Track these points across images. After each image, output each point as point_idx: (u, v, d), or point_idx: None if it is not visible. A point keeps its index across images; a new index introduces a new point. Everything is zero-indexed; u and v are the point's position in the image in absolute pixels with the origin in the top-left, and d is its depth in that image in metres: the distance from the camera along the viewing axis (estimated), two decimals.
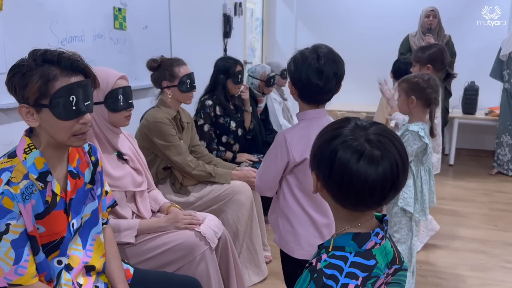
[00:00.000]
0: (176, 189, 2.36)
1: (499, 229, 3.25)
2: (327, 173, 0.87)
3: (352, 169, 0.83)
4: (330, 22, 5.68)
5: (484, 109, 4.99)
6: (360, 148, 0.83)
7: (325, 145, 0.88)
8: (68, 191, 1.27)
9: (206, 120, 2.81)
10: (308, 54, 1.46)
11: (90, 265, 1.34)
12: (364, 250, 0.88)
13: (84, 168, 1.36)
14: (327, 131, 0.92)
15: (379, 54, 5.09)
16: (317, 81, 1.44)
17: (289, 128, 1.58)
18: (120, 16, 2.50)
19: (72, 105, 1.17)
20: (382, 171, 0.83)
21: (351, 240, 0.88)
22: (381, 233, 0.90)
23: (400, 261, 0.94)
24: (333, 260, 0.87)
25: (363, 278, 0.85)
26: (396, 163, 0.84)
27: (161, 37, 2.97)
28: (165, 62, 2.32)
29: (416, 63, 2.75)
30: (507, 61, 4.40)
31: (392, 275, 0.92)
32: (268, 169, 1.56)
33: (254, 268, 2.44)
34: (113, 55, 2.46)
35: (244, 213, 2.36)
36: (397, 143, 0.86)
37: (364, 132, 0.86)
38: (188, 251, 1.72)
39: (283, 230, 1.58)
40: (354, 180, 0.83)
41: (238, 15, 4.40)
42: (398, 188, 0.87)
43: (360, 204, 0.88)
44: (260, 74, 3.43)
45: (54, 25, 2.00)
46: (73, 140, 1.22)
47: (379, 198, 0.86)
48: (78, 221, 1.31)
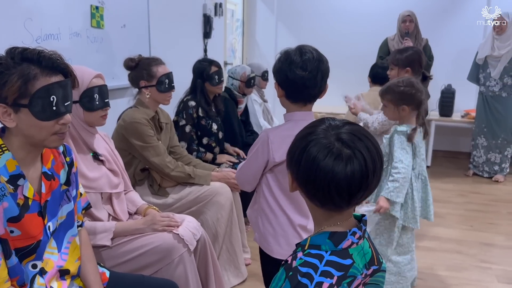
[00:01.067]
0: (155, 191, 2.32)
1: (475, 229, 3.31)
2: (297, 170, 0.88)
3: (319, 165, 0.83)
4: (310, 23, 5.70)
5: (460, 111, 5.09)
6: (329, 146, 0.84)
7: (298, 143, 0.90)
8: (42, 193, 1.23)
9: (188, 121, 2.79)
10: (291, 52, 1.48)
11: (65, 269, 1.31)
12: (340, 249, 0.88)
13: (59, 169, 1.32)
14: (302, 131, 0.93)
15: (358, 56, 5.13)
16: (301, 72, 1.44)
17: (274, 128, 1.59)
18: (98, 15, 2.45)
19: (52, 105, 1.15)
20: (350, 169, 0.82)
21: (327, 239, 0.88)
22: (358, 233, 0.89)
23: (379, 262, 0.94)
24: (309, 258, 0.87)
25: (338, 277, 0.85)
26: (366, 163, 0.84)
27: (139, 36, 2.93)
28: (143, 61, 2.28)
29: (394, 66, 2.75)
30: (483, 65, 4.50)
31: (371, 276, 0.92)
32: (249, 164, 1.57)
33: (234, 270, 2.42)
34: (90, 54, 2.42)
35: (224, 215, 2.34)
36: (369, 143, 0.86)
37: (336, 131, 0.87)
38: (166, 254, 1.70)
39: (263, 229, 1.58)
40: (320, 176, 0.83)
41: (218, 16, 4.38)
42: (368, 188, 0.86)
43: (328, 202, 0.87)
44: (240, 75, 3.41)
45: (29, 22, 1.95)
46: (52, 140, 1.19)
47: (347, 197, 0.85)
48: (54, 223, 1.27)
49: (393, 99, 2.09)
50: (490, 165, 4.62)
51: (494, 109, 4.48)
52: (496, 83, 4.41)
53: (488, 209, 3.75)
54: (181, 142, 2.75)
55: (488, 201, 3.96)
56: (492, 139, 4.54)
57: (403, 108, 2.07)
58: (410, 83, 2.09)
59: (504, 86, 4.38)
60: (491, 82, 4.44)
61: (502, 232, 3.30)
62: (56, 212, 1.28)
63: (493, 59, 4.40)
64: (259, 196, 1.61)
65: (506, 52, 4.28)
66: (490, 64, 4.43)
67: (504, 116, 4.45)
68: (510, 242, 3.12)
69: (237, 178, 1.66)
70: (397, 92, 2.08)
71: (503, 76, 4.36)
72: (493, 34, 4.34)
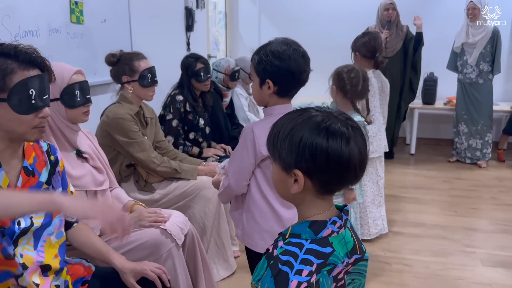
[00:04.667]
0: (141, 187, 2.31)
1: (459, 215, 3.38)
2: (312, 162, 0.87)
3: (345, 152, 0.85)
4: (293, 15, 5.70)
5: (442, 99, 5.16)
6: (346, 133, 0.86)
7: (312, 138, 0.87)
8: (18, 186, 1.22)
9: (175, 115, 2.77)
10: (285, 47, 1.45)
11: (45, 265, 1.30)
12: (320, 238, 0.89)
13: (41, 167, 1.31)
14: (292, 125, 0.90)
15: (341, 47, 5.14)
16: (307, 67, 1.47)
17: (256, 122, 1.57)
18: (77, 10, 2.42)
19: (31, 99, 1.15)
20: (356, 146, 0.87)
21: (308, 228, 0.90)
22: (338, 222, 0.91)
23: (361, 251, 0.96)
24: (289, 247, 0.89)
25: (318, 265, 0.86)
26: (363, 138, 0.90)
27: (120, 31, 2.90)
28: (124, 56, 2.26)
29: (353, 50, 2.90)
30: (460, 53, 4.57)
31: (353, 265, 0.94)
32: (240, 166, 1.53)
33: (223, 263, 2.43)
34: (71, 50, 2.38)
35: (211, 208, 2.34)
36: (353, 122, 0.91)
37: (329, 114, 0.90)
38: (154, 249, 1.70)
39: (247, 226, 1.57)
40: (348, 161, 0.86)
41: (200, 8, 4.34)
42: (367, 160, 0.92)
43: (340, 184, 0.91)
44: (224, 68, 3.40)
45: (7, 19, 1.92)
46: (32, 133, 1.19)
47: (359, 173, 0.90)
48: (27, 221, 1.25)
49: (333, 80, 2.31)
50: (472, 151, 4.70)
51: (472, 96, 4.56)
52: (472, 70, 4.49)
53: (471, 195, 3.83)
54: (168, 136, 2.74)
55: (471, 187, 4.04)
56: (472, 126, 4.62)
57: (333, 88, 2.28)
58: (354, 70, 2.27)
59: (481, 73, 4.47)
60: (468, 69, 4.52)
61: (485, 216, 3.37)
62: None
63: (469, 46, 4.47)
64: (244, 194, 1.59)
65: (480, 38, 4.36)
66: (466, 51, 4.51)
67: (482, 103, 4.55)
68: (493, 226, 3.19)
69: (233, 189, 1.56)
70: (342, 79, 2.26)
71: (479, 63, 4.43)
72: (467, 21, 4.41)
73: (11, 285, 1.21)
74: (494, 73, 4.47)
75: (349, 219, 1.00)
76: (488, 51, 4.40)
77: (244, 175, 1.54)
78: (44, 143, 1.37)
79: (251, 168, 1.53)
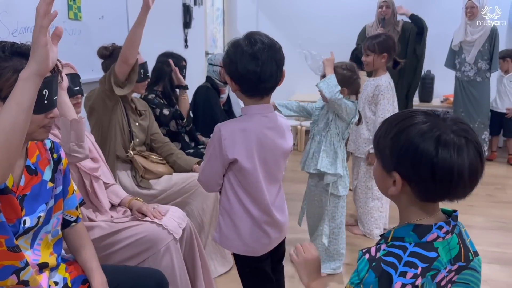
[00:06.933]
0: (137, 182, 2.31)
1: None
2: (413, 169, 0.85)
3: (454, 162, 0.82)
4: (291, 12, 5.70)
5: (439, 96, 5.17)
6: (456, 141, 0.82)
7: (416, 145, 0.84)
8: (20, 185, 1.23)
9: (161, 106, 2.74)
10: (240, 42, 1.39)
11: (42, 263, 1.30)
12: (425, 242, 0.87)
13: (44, 165, 1.31)
14: (399, 127, 0.88)
15: (340, 44, 5.15)
16: (254, 67, 1.35)
17: (226, 122, 1.47)
18: (75, 6, 2.42)
19: (44, 99, 1.15)
20: (470, 158, 0.83)
21: (411, 231, 0.88)
22: (445, 227, 0.89)
23: (467, 259, 0.92)
24: (392, 249, 0.87)
25: (422, 268, 0.84)
26: (478, 146, 0.85)
27: (118, 27, 2.90)
28: (117, 50, 2.24)
29: (370, 52, 2.75)
30: (458, 51, 4.59)
31: (456, 273, 0.91)
32: (209, 164, 1.48)
33: (220, 259, 2.44)
34: (68, 47, 2.38)
35: (209, 205, 2.35)
36: (470, 128, 0.87)
37: (444, 123, 0.85)
38: (151, 244, 1.70)
39: (224, 228, 1.53)
40: (455, 172, 0.82)
41: (198, 5, 4.34)
42: (482, 173, 0.87)
43: (449, 195, 0.88)
44: (219, 61, 3.37)
45: (4, 15, 1.92)
46: (39, 133, 1.19)
47: (469, 186, 0.86)
48: (33, 220, 1.26)
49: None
50: None
51: (470, 94, 4.57)
52: (470, 68, 4.50)
53: None
54: (172, 121, 2.75)
55: None
56: (470, 123, 4.60)
57: (343, 90, 2.18)
58: (352, 68, 2.25)
59: (478, 71, 4.48)
60: (466, 67, 4.53)
61: (481, 213, 3.39)
62: (35, 209, 1.26)
63: (467, 44, 4.49)
64: (221, 195, 1.56)
65: (478, 36, 4.38)
66: (464, 49, 4.53)
67: (479, 101, 4.56)
68: (488, 223, 3.21)
69: (202, 184, 1.55)
70: (339, 74, 2.20)
71: (477, 61, 4.45)
72: (466, 20, 4.43)
73: (10, 284, 1.21)
74: (491, 71, 4.49)
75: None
76: (486, 49, 4.41)
77: (213, 175, 1.49)
78: (48, 141, 1.37)
79: (220, 168, 1.47)
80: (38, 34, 0.98)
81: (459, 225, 0.95)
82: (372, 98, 2.75)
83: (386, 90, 2.69)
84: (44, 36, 0.98)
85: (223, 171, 1.48)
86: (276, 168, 1.54)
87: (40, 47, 0.98)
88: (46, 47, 0.99)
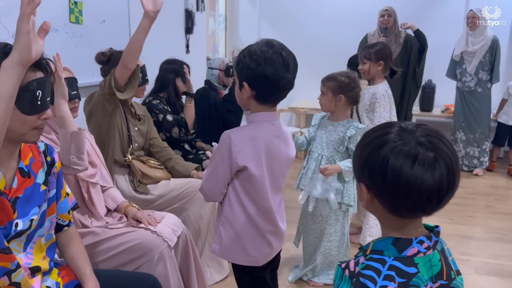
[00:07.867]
0: (134, 187, 2.30)
1: (454, 222, 3.38)
2: (381, 182, 0.83)
3: (408, 175, 0.79)
4: (293, 18, 5.71)
5: (440, 106, 5.17)
6: (413, 153, 0.80)
7: (374, 154, 0.84)
8: (13, 188, 1.22)
9: (164, 112, 2.75)
10: (265, 49, 1.37)
11: (34, 267, 1.29)
12: (405, 256, 0.85)
13: (38, 168, 1.30)
14: (372, 139, 0.87)
15: (341, 50, 5.16)
16: (286, 74, 1.36)
17: (236, 129, 1.46)
18: (76, 10, 2.42)
19: (37, 100, 1.15)
20: (439, 173, 0.80)
21: (391, 245, 0.86)
22: (426, 242, 0.86)
23: (449, 277, 0.88)
24: (371, 262, 0.85)
25: (399, 284, 0.82)
26: (451, 162, 0.81)
27: (120, 31, 2.90)
28: (115, 55, 2.24)
29: (367, 60, 2.74)
30: (460, 61, 4.60)
31: None
32: (215, 172, 1.45)
33: (216, 266, 2.43)
34: (69, 50, 2.38)
35: (207, 211, 2.34)
36: (446, 141, 0.84)
37: (412, 135, 0.83)
38: (145, 251, 1.69)
39: (226, 239, 1.50)
40: (409, 187, 0.79)
41: (200, 11, 4.35)
42: (454, 188, 0.84)
43: (417, 210, 0.85)
44: (218, 64, 3.40)
45: (5, 18, 1.92)
46: (32, 135, 1.19)
47: (436, 202, 0.83)
48: (25, 223, 1.25)
49: (333, 87, 2.20)
50: (469, 159, 4.71)
51: (470, 104, 4.58)
52: (471, 78, 4.51)
53: (467, 202, 3.83)
54: (174, 128, 2.75)
55: (467, 194, 4.04)
56: (470, 134, 4.64)
57: (340, 97, 2.17)
58: (352, 76, 2.22)
59: (479, 82, 4.49)
60: (467, 78, 4.54)
61: (480, 224, 3.37)
62: (28, 212, 1.25)
63: (468, 55, 4.50)
64: (223, 205, 1.52)
65: (480, 47, 4.39)
66: (465, 59, 4.54)
67: (480, 111, 4.56)
68: (487, 234, 3.20)
69: (205, 195, 1.51)
70: (338, 81, 2.19)
71: (478, 71, 4.46)
72: (467, 30, 4.44)
73: (1, 285, 1.20)
74: (492, 82, 4.49)
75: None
76: (487, 60, 4.42)
77: (218, 184, 1.46)
78: (41, 144, 1.36)
79: (226, 176, 1.44)
80: (21, 21, 0.97)
81: (442, 242, 0.92)
82: (369, 106, 2.75)
83: (382, 98, 2.69)
84: (26, 24, 0.97)
85: (229, 179, 1.46)
86: (281, 176, 1.53)
87: (22, 34, 0.97)
88: (29, 35, 0.97)
